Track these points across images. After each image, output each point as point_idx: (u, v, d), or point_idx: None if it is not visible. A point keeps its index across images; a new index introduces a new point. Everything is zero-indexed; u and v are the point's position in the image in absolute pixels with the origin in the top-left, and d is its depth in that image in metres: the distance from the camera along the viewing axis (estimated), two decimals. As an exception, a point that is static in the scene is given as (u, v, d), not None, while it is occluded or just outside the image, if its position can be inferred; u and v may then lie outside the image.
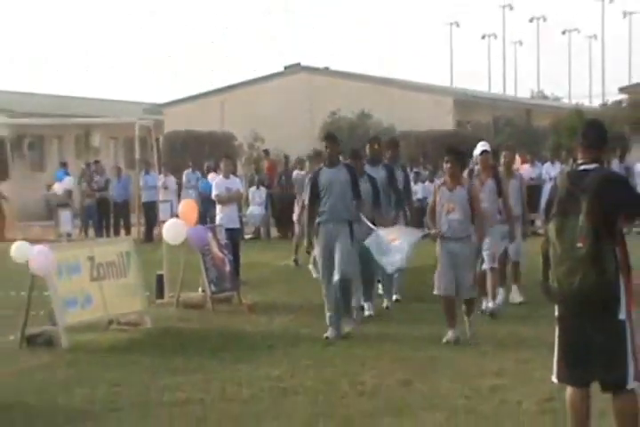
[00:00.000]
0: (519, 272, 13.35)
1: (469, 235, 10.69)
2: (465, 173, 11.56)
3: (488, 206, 11.86)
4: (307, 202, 11.61)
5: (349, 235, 11.23)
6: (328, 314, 11.20)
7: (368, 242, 11.19)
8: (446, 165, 10.71)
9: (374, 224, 11.66)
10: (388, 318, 12.32)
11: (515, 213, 12.83)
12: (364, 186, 12.04)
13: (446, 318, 10.64)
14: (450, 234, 10.57)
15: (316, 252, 11.56)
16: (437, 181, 11.14)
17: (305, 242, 11.87)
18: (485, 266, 12.25)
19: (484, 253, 12.05)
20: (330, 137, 11.80)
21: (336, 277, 11.03)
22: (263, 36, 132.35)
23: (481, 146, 12.63)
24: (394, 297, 13.45)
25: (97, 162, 30.01)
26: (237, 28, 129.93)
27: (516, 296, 13.17)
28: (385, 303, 13.12)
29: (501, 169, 13.11)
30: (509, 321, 11.89)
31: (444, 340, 10.50)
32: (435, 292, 10.72)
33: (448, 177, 10.69)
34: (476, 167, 12.57)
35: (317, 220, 11.31)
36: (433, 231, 10.77)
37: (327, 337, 10.99)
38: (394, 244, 10.96)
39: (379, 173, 12.93)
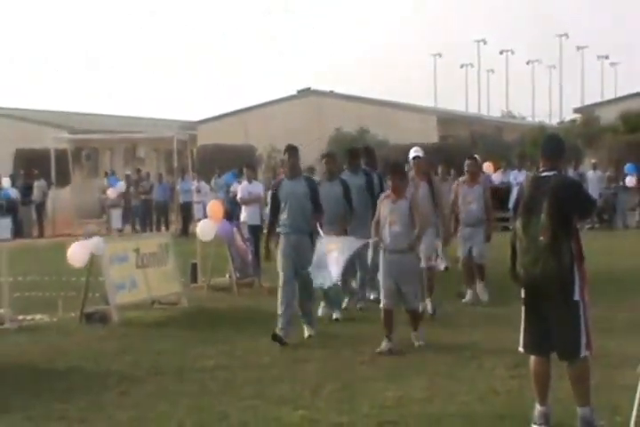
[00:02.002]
0: (484, 273, 11.93)
1: (412, 246, 9.12)
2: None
3: (422, 209, 9.89)
4: (268, 213, 9.98)
5: (310, 245, 9.58)
6: (279, 319, 9.49)
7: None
8: (390, 183, 9.28)
9: (345, 231, 10.34)
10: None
11: (479, 218, 11.90)
12: (336, 190, 10.80)
13: (384, 327, 8.99)
14: (392, 246, 8.99)
15: (278, 261, 9.75)
16: (382, 195, 9.56)
17: (263, 251, 10.11)
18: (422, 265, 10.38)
19: (420, 254, 10.00)
20: (290, 148, 9.91)
21: (298, 286, 9.64)
22: (266, 39, 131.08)
23: (414, 151, 11.20)
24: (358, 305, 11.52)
25: (139, 170, 30.19)
26: (256, 47, 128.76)
27: (482, 295, 11.84)
28: (334, 315, 10.88)
29: (466, 176, 12.13)
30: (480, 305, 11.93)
31: (378, 350, 8.83)
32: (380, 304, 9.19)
33: (392, 192, 9.18)
34: (411, 172, 11.15)
35: (278, 230, 9.76)
36: (373, 240, 9.38)
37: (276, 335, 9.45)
38: (330, 255, 9.23)
39: (357, 181, 11.51)
